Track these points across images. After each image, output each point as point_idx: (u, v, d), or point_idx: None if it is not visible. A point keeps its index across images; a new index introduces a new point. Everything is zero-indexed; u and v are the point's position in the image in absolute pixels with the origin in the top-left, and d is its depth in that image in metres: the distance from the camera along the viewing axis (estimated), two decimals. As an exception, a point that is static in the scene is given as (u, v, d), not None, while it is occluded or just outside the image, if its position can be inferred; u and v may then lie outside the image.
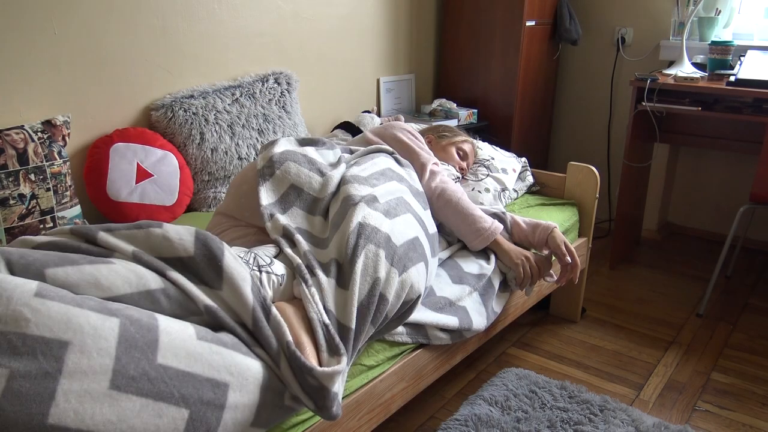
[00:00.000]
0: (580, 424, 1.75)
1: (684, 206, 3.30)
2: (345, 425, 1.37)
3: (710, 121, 2.93)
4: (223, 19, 2.23)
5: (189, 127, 2.06)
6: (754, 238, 3.13)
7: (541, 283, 2.02)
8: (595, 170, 2.22)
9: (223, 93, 2.19)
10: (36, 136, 1.67)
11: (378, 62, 2.95)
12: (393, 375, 1.48)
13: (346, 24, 2.73)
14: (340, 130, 2.58)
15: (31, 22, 1.73)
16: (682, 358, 2.18)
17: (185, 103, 2.08)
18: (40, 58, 1.77)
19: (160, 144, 1.99)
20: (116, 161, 1.87)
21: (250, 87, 2.28)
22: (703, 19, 2.84)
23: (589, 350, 2.23)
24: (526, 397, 1.85)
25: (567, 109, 3.47)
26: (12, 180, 1.60)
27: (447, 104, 2.98)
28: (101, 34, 1.90)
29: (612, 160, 3.38)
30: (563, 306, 2.44)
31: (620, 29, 3.17)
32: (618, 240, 2.87)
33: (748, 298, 2.63)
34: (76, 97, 1.88)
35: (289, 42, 2.50)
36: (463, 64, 3.16)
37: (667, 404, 1.93)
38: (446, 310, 1.59)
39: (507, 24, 2.95)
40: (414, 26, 3.10)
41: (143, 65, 2.03)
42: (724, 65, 2.63)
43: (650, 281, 2.78)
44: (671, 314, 2.48)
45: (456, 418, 1.75)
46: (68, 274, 1.02)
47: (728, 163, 3.10)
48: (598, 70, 3.31)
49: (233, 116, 2.17)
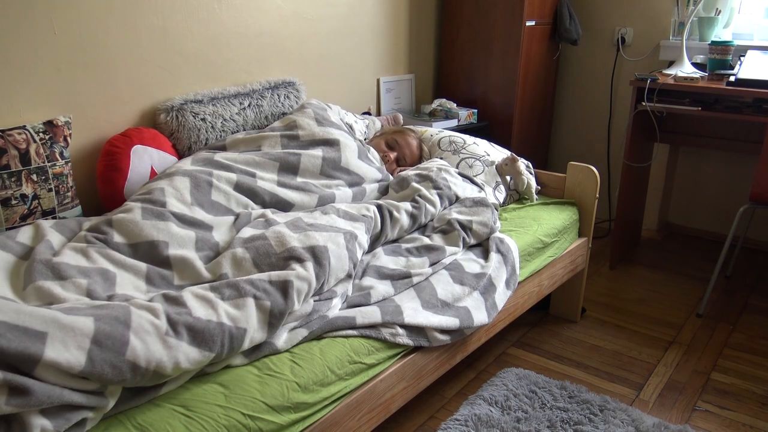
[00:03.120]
0: (580, 424, 1.75)
1: (684, 206, 3.30)
2: (345, 425, 1.38)
3: (710, 121, 2.93)
4: (223, 20, 2.23)
5: (197, 133, 2.05)
6: (754, 238, 3.13)
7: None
8: (595, 170, 2.22)
9: (232, 101, 2.18)
10: (38, 137, 1.68)
11: (378, 62, 2.96)
12: (393, 375, 1.49)
13: (346, 24, 2.73)
14: (341, 131, 2.58)
15: (31, 22, 1.74)
16: (682, 358, 2.18)
17: (195, 108, 2.07)
18: (40, 58, 1.78)
19: (168, 148, 1.99)
20: (136, 163, 1.87)
21: (259, 97, 2.27)
22: (703, 19, 2.84)
23: (589, 350, 2.23)
24: (526, 397, 1.86)
25: (567, 109, 3.47)
26: (14, 180, 1.60)
27: (447, 104, 2.99)
28: (101, 34, 1.90)
29: (612, 160, 3.38)
30: (563, 306, 2.45)
31: (620, 29, 3.18)
32: (618, 240, 2.87)
33: (748, 298, 2.63)
34: (77, 98, 1.89)
35: (289, 42, 2.50)
36: (463, 64, 3.16)
37: (667, 404, 1.93)
38: (447, 311, 1.59)
39: (507, 24, 2.95)
40: (414, 26, 3.10)
41: (143, 65, 2.03)
42: (724, 65, 2.63)
43: (650, 281, 2.78)
44: (671, 314, 2.49)
45: (456, 418, 1.75)
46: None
47: (728, 163, 3.10)
48: (598, 70, 3.31)
49: (239, 125, 2.17)
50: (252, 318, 1.27)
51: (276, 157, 1.92)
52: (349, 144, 2.07)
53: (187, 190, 1.68)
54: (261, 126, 2.24)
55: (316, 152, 1.98)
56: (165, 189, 1.66)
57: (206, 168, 1.79)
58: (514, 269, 1.85)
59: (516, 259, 1.87)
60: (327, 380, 1.32)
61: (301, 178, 1.93)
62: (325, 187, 1.95)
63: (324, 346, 1.37)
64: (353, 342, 1.41)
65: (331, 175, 1.98)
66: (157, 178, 1.75)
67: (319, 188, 1.92)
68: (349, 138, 2.11)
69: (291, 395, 1.24)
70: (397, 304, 1.53)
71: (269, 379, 1.25)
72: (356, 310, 1.47)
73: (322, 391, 1.31)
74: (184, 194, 1.67)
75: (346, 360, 1.37)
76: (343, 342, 1.40)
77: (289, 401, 1.24)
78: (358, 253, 1.59)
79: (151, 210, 1.57)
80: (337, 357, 1.36)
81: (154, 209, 1.58)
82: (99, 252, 1.43)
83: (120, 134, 1.91)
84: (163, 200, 1.62)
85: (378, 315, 1.47)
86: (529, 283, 2.00)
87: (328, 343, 1.38)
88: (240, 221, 1.68)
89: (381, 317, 1.46)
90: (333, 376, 1.33)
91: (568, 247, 2.21)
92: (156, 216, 1.56)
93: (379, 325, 1.46)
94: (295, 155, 1.95)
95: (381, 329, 1.46)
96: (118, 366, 1.08)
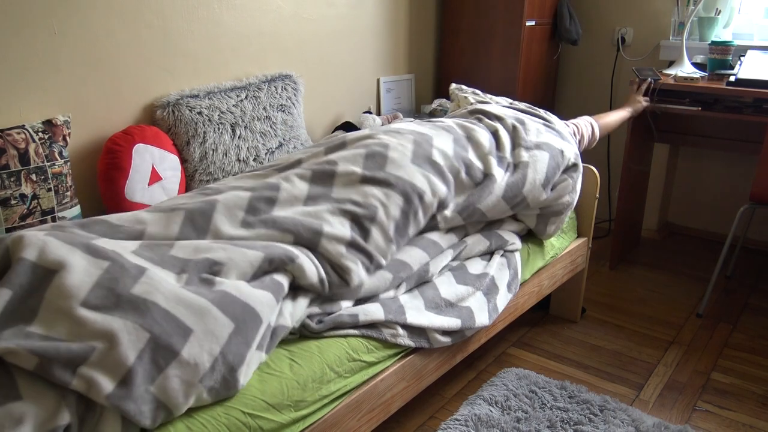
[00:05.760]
0: (580, 424, 1.75)
1: (684, 206, 3.30)
2: (345, 425, 1.38)
3: (710, 121, 2.93)
4: (223, 20, 2.23)
5: (194, 127, 2.05)
6: (754, 238, 3.13)
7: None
8: (595, 170, 2.22)
9: (229, 94, 2.18)
10: (37, 136, 1.67)
11: (378, 62, 2.96)
12: (393, 375, 1.49)
13: (346, 24, 2.73)
14: (341, 131, 2.58)
15: (31, 22, 1.73)
16: (682, 358, 2.18)
17: (191, 102, 2.07)
18: (40, 58, 1.78)
19: (169, 146, 1.99)
20: (137, 162, 1.87)
21: (256, 89, 2.27)
22: (703, 19, 2.84)
23: (589, 350, 2.23)
24: (526, 397, 1.85)
25: (567, 109, 3.47)
26: (14, 180, 1.60)
27: (447, 104, 2.98)
28: (101, 34, 1.90)
29: (612, 160, 3.38)
30: (563, 306, 2.44)
31: (620, 29, 3.18)
32: (618, 240, 2.87)
33: (748, 298, 2.63)
34: (76, 97, 1.88)
35: (289, 42, 2.50)
36: (463, 64, 3.16)
37: (667, 404, 1.93)
38: (449, 312, 1.59)
39: (507, 24, 2.95)
40: (414, 26, 3.10)
41: (143, 65, 2.03)
42: (724, 65, 2.63)
43: (650, 281, 2.78)
44: (671, 314, 2.49)
45: (456, 418, 1.75)
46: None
47: (728, 163, 3.10)
48: (598, 70, 3.31)
49: (237, 117, 2.17)
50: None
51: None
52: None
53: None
54: (259, 117, 2.24)
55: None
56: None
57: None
58: (516, 272, 1.85)
59: (518, 263, 1.88)
60: (326, 378, 1.32)
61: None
62: None
63: (322, 344, 1.37)
64: (351, 340, 1.41)
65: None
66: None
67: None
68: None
69: (291, 393, 1.24)
70: (401, 304, 1.52)
71: (268, 377, 1.24)
72: (359, 308, 1.46)
73: (322, 389, 1.31)
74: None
75: (345, 358, 1.37)
76: (341, 340, 1.39)
77: (289, 399, 1.23)
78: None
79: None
80: (336, 355, 1.36)
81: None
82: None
83: (122, 132, 1.90)
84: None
85: (381, 313, 1.46)
86: (529, 283, 2.00)
87: (327, 341, 1.38)
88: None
89: (384, 315, 1.46)
90: (332, 373, 1.33)
91: (568, 247, 2.20)
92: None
93: (380, 323, 1.46)
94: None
95: (382, 329, 1.46)
96: (227, 382, 1.14)
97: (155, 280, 1.17)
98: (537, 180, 1.85)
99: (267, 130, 2.27)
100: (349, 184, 1.56)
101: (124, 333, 1.06)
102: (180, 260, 1.27)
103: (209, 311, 1.15)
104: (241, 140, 2.18)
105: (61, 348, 1.01)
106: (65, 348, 1.01)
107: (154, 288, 1.14)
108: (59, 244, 1.17)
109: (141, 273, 1.17)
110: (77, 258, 1.15)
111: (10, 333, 1.04)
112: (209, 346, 1.12)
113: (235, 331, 1.17)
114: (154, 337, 1.07)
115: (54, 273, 1.12)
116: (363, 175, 1.57)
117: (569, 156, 1.97)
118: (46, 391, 1.01)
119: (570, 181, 1.95)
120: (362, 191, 1.54)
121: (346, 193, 1.53)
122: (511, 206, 1.83)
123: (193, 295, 1.17)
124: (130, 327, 1.07)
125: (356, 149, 1.65)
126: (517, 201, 1.83)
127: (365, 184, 1.56)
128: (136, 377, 1.04)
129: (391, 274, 1.55)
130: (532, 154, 1.89)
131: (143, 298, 1.12)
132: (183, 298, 1.15)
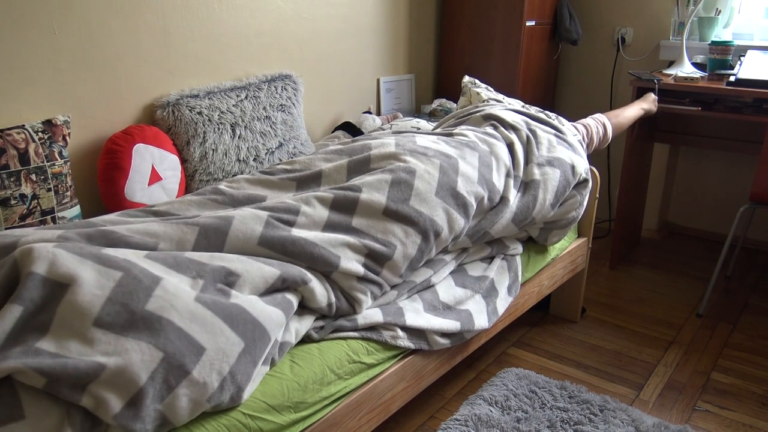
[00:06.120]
0: (580, 424, 1.75)
1: (684, 206, 3.30)
2: (345, 425, 1.38)
3: (710, 121, 2.93)
4: (223, 19, 2.23)
5: (194, 127, 2.05)
6: (754, 238, 3.13)
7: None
8: (595, 170, 2.22)
9: (229, 94, 2.18)
10: (37, 136, 1.67)
11: (378, 62, 2.96)
12: (393, 375, 1.49)
13: (346, 24, 2.73)
14: (341, 132, 2.58)
15: (31, 22, 1.73)
16: (682, 358, 2.18)
17: (191, 102, 2.07)
18: (40, 58, 1.77)
19: (169, 146, 1.99)
20: (137, 162, 1.87)
21: (256, 89, 2.27)
22: (703, 19, 2.84)
23: (589, 350, 2.23)
24: (526, 397, 1.85)
25: (567, 109, 3.47)
26: (13, 180, 1.60)
27: (447, 104, 2.98)
28: (101, 34, 1.90)
29: (612, 160, 3.38)
30: (563, 306, 2.44)
31: (620, 29, 3.17)
32: (618, 240, 2.87)
33: (748, 298, 2.63)
34: (76, 97, 1.88)
35: (289, 42, 2.50)
36: (463, 64, 3.16)
37: (667, 404, 1.93)
38: (448, 314, 1.59)
39: (507, 24, 2.95)
40: (414, 26, 3.10)
41: (143, 65, 2.03)
42: (724, 65, 2.63)
43: (650, 281, 2.78)
44: (671, 314, 2.49)
45: (456, 418, 1.75)
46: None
47: (728, 163, 3.10)
48: (598, 70, 3.31)
49: (237, 117, 2.17)
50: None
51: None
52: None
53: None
54: (259, 117, 2.24)
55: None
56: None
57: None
58: (517, 276, 1.85)
59: (519, 266, 1.88)
60: (327, 379, 1.32)
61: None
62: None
63: (322, 346, 1.37)
64: (352, 342, 1.41)
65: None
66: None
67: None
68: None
69: (291, 394, 1.24)
70: (399, 306, 1.52)
71: (269, 378, 1.24)
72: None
73: (322, 391, 1.31)
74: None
75: (345, 359, 1.37)
76: (342, 342, 1.40)
77: (290, 400, 1.23)
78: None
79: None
80: (336, 357, 1.36)
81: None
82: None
83: (122, 132, 1.90)
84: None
85: (380, 315, 1.47)
86: (529, 283, 2.00)
87: (327, 343, 1.38)
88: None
89: (382, 317, 1.46)
90: (332, 375, 1.33)
91: (568, 247, 2.20)
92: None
93: (379, 326, 1.46)
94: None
95: (382, 331, 1.46)
96: (233, 400, 1.14)
97: (170, 292, 1.13)
98: (547, 200, 1.84)
99: (267, 130, 2.27)
100: (372, 216, 1.50)
101: (137, 353, 1.04)
102: (195, 263, 1.24)
103: (222, 331, 1.13)
104: (241, 140, 2.18)
105: (68, 366, 0.99)
106: (73, 367, 0.99)
107: (168, 303, 1.11)
108: (69, 256, 1.13)
109: (155, 284, 1.13)
110: (88, 270, 1.12)
111: (19, 351, 1.01)
112: (219, 365, 1.11)
113: (245, 350, 1.15)
114: (168, 357, 1.05)
115: (66, 287, 1.08)
116: (387, 207, 1.51)
117: (580, 171, 1.95)
118: (51, 408, 0.99)
119: (578, 198, 1.95)
120: (383, 227, 1.50)
121: (367, 226, 1.49)
122: (519, 227, 1.83)
123: (206, 310, 1.14)
124: (144, 347, 1.05)
125: (382, 174, 1.57)
126: (525, 223, 1.82)
127: (387, 218, 1.51)
128: (146, 398, 1.02)
129: (396, 291, 1.57)
130: (543, 171, 1.86)
131: (158, 315, 1.09)
132: (197, 314, 1.13)
